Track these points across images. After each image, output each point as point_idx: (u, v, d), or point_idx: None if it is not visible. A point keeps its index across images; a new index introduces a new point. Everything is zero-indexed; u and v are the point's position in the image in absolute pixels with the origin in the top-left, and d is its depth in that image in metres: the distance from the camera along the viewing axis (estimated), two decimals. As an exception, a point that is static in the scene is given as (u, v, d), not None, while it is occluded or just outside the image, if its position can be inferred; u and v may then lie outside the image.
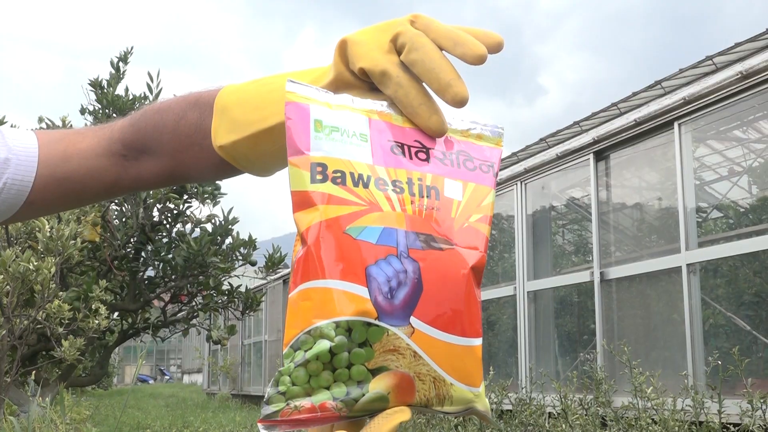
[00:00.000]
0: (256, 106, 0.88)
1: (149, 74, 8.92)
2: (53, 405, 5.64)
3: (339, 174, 0.71)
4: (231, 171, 0.95)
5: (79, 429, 5.35)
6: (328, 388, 0.67)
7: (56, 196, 1.00)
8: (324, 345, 0.67)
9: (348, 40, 0.78)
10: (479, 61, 0.73)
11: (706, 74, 8.71)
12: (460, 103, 0.73)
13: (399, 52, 0.76)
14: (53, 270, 5.30)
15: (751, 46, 8.33)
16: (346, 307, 0.67)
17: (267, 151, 0.89)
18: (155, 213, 9.36)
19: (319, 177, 0.71)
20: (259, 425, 0.67)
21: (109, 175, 0.99)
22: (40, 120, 8.74)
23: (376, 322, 0.67)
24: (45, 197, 0.99)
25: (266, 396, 0.67)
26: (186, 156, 0.95)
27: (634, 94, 9.83)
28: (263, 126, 0.87)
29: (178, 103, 0.96)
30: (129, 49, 9.26)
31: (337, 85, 0.80)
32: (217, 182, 9.35)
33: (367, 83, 0.79)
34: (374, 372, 0.68)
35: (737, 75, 6.54)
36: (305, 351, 0.67)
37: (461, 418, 4.92)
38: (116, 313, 9.39)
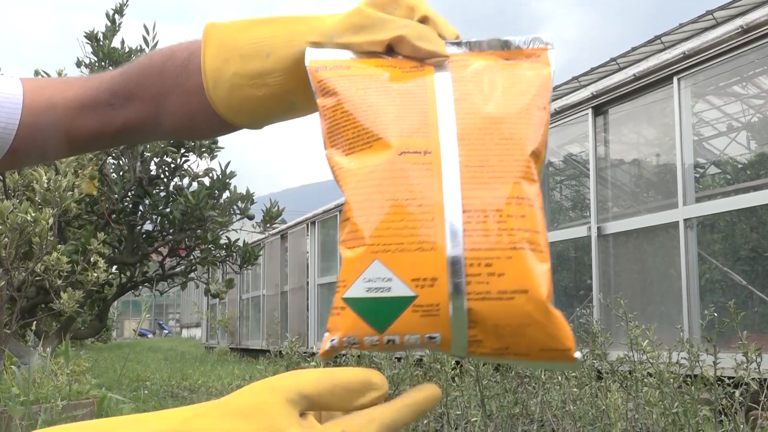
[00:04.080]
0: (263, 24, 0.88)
1: (145, 27, 8.85)
2: (53, 357, 5.68)
3: None
4: (211, 122, 0.92)
5: (79, 380, 5.39)
6: None
7: (40, 145, 0.98)
8: None
9: None
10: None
11: (706, 29, 8.66)
12: None
13: None
14: (51, 221, 5.30)
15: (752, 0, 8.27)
16: None
17: (246, 72, 0.86)
18: (152, 167, 9.35)
19: None
20: None
21: (95, 125, 0.97)
22: (36, 73, 8.68)
23: None
24: (29, 145, 0.97)
25: None
26: (168, 101, 0.93)
27: (634, 49, 9.77)
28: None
29: (169, 46, 0.94)
30: (124, 1, 9.18)
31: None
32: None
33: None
34: None
35: (737, 29, 6.50)
36: None
37: (458, 370, 4.97)
38: (114, 267, 9.42)
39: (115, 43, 8.98)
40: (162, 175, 9.43)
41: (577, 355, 0.71)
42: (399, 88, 0.76)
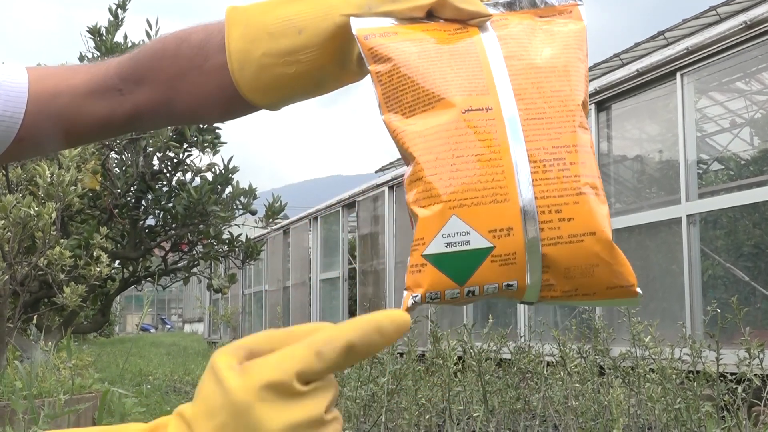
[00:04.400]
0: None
1: (148, 22, 8.85)
2: (56, 351, 5.68)
3: None
4: (227, 104, 0.91)
5: (82, 375, 5.39)
6: None
7: (46, 134, 0.97)
8: None
9: None
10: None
11: (710, 25, 8.65)
12: None
13: None
14: (54, 215, 5.30)
15: (756, -5, 8.25)
16: None
17: (277, 50, 0.85)
18: (155, 162, 9.34)
19: None
20: None
21: (102, 111, 0.95)
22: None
23: None
24: (35, 134, 0.95)
25: None
26: (183, 83, 0.91)
27: (637, 44, 9.77)
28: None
29: (183, 29, 0.93)
30: (128, -4, 9.17)
31: None
32: (216, 131, 9.32)
33: None
34: None
35: (741, 25, 6.49)
36: None
37: (461, 365, 4.96)
38: (117, 262, 9.42)
39: (118, 38, 8.97)
40: (165, 170, 9.43)
41: (639, 290, 0.76)
42: (450, 49, 0.78)
